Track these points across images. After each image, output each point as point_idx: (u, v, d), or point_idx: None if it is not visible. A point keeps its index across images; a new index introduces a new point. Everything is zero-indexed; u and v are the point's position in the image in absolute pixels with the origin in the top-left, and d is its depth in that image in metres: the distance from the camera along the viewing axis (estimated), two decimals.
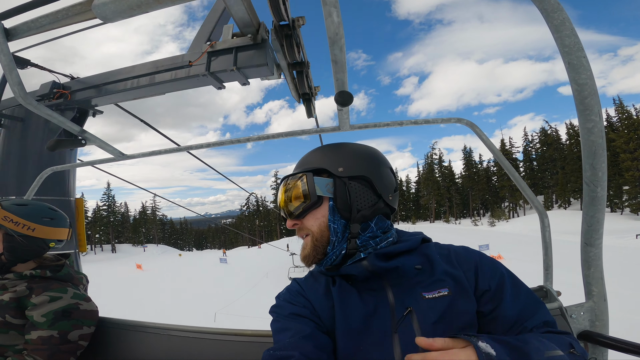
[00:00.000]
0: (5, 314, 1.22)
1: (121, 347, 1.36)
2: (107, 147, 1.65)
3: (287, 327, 0.79)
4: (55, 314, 1.23)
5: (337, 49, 0.84)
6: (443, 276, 0.81)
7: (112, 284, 20.51)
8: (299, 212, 0.88)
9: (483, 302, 0.79)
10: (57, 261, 1.43)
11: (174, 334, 1.30)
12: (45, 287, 1.29)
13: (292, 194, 0.89)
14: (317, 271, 0.95)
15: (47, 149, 1.35)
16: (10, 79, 1.04)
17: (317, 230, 0.88)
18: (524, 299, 0.80)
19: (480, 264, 0.85)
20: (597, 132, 0.92)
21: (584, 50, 0.84)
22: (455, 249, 0.90)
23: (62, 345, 1.22)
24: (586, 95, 0.87)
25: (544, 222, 1.40)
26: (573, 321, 1.23)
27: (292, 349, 0.72)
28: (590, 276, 1.18)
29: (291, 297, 0.89)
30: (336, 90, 0.98)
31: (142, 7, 0.84)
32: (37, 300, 1.24)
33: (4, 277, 1.31)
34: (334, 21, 0.76)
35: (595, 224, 1.08)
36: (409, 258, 0.84)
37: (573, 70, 0.85)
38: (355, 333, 0.77)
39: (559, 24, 0.81)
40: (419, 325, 0.74)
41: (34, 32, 0.95)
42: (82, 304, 1.31)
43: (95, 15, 0.83)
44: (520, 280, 0.84)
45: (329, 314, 0.82)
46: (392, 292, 0.80)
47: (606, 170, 0.99)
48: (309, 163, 0.93)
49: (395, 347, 0.73)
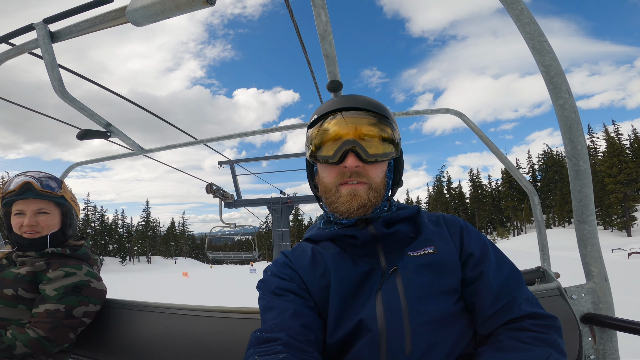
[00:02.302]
0: (19, 287, 1.25)
1: (123, 326, 1.39)
2: (128, 141, 1.80)
3: (273, 306, 0.79)
4: (66, 289, 1.26)
5: (327, 44, 0.99)
6: (430, 236, 0.84)
7: (175, 286, 24.62)
8: (376, 159, 0.83)
9: (468, 267, 0.81)
10: (77, 241, 1.51)
11: (174, 312, 1.34)
12: (63, 264, 1.33)
13: (380, 135, 0.84)
14: (304, 241, 0.96)
15: (77, 137, 1.50)
16: (52, 75, 1.20)
17: (380, 182, 0.85)
18: (507, 271, 0.81)
19: (466, 229, 0.89)
20: (568, 107, 0.99)
21: (544, 35, 0.95)
22: (443, 215, 0.94)
23: (66, 320, 1.23)
24: (553, 75, 0.96)
25: (534, 200, 1.41)
26: (574, 303, 1.18)
27: (279, 330, 0.72)
28: (588, 255, 1.14)
29: (277, 270, 0.88)
30: (329, 80, 1.12)
31: (165, 12, 1.01)
32: (52, 274, 1.27)
33: (26, 254, 1.35)
34: (322, 20, 0.92)
35: (584, 199, 1.08)
36: (405, 225, 0.87)
37: (537, 53, 0.95)
38: (348, 297, 0.78)
39: (519, 13, 0.93)
40: (402, 281, 0.76)
41: (74, 35, 1.12)
42: (93, 281, 1.35)
43: (128, 20, 1.00)
44: (503, 253, 0.86)
45: (318, 284, 0.82)
46: (384, 257, 0.82)
47: (585, 144, 1.03)
48: (386, 112, 0.88)
49: (377, 303, 0.74)
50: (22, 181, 1.32)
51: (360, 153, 0.81)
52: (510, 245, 48.25)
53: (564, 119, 1.01)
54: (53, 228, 1.39)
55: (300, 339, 0.70)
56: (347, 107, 0.84)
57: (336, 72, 1.09)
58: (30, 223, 1.32)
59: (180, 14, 1.02)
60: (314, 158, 0.88)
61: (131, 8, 0.98)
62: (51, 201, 1.37)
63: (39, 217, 1.35)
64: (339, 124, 0.83)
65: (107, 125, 1.60)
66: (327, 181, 0.87)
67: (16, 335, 1.16)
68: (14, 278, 1.25)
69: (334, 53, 1.02)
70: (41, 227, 1.35)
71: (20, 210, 1.33)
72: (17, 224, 1.33)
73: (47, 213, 1.37)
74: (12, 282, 1.24)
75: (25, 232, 1.33)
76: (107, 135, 1.63)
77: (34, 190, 1.32)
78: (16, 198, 1.32)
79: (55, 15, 1.07)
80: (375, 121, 0.84)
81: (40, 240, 1.35)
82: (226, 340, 1.21)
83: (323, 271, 0.83)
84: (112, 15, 1.04)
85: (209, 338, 1.23)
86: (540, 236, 1.42)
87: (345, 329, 0.75)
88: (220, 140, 1.97)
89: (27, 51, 1.16)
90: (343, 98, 0.88)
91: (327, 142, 0.84)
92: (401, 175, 0.92)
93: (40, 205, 1.35)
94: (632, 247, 27.22)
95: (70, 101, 1.32)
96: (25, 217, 1.33)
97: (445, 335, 0.71)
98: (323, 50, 0.99)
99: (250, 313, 1.24)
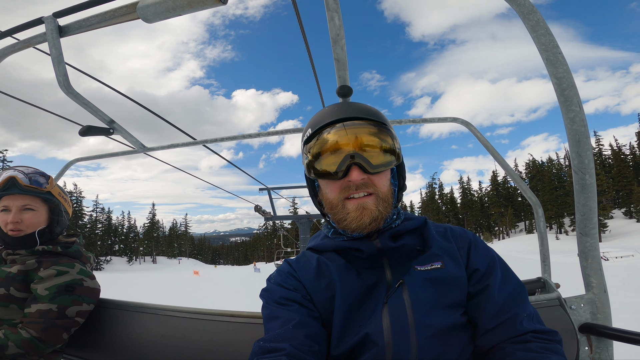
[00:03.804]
0: (10, 286, 1.22)
1: (118, 327, 1.37)
2: (131, 139, 1.78)
3: (277, 315, 0.78)
4: (58, 288, 1.23)
5: (338, 48, 0.98)
6: (438, 251, 0.83)
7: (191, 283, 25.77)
8: (380, 169, 0.81)
9: (472, 281, 0.81)
10: (69, 238, 1.48)
11: (171, 314, 1.32)
12: (54, 262, 1.30)
13: (381, 145, 0.81)
14: (308, 251, 0.95)
15: (79, 133, 1.48)
16: (58, 70, 1.19)
17: (386, 190, 0.83)
18: (512, 286, 0.81)
19: (475, 243, 0.88)
20: (578, 121, 0.98)
21: (559, 47, 0.94)
22: (451, 227, 0.93)
23: (58, 320, 1.21)
24: (565, 88, 0.96)
25: (537, 212, 1.41)
26: (573, 312, 1.21)
27: (282, 340, 0.71)
28: (589, 267, 1.16)
29: (281, 279, 0.87)
30: (338, 85, 1.11)
31: (177, 10, 1.00)
32: (44, 273, 1.25)
33: (16, 252, 1.31)
34: (335, 24, 0.91)
35: (588, 213, 1.08)
36: (412, 238, 0.85)
37: (551, 65, 0.95)
38: (353, 310, 0.78)
39: (535, 24, 0.93)
40: (409, 296, 0.76)
41: (84, 30, 1.10)
42: (86, 280, 1.32)
43: (138, 16, 0.98)
44: (509, 267, 0.86)
45: (322, 296, 0.81)
46: (390, 270, 0.82)
47: (592, 158, 1.03)
48: (383, 119, 0.86)
49: (384, 317, 0.74)
50: (7, 176, 1.28)
51: (364, 165, 0.78)
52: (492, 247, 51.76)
53: (573, 132, 1.01)
54: (39, 225, 1.35)
55: (304, 350, 0.70)
56: (344, 118, 0.81)
57: (346, 77, 1.08)
58: (15, 220, 1.29)
59: (192, 11, 1.01)
60: (315, 175, 0.85)
61: (143, 4, 0.96)
62: (37, 197, 1.34)
63: (24, 214, 1.31)
64: (338, 137, 0.80)
65: (111, 122, 1.58)
66: (331, 197, 0.84)
67: (8, 335, 1.14)
68: (5, 277, 1.23)
69: (345, 58, 1.01)
70: (25, 225, 1.31)
71: (5, 207, 1.31)
72: (3, 221, 1.30)
73: (32, 210, 1.33)
74: (4, 281, 1.22)
75: (10, 230, 1.29)
76: (109, 132, 1.61)
77: (19, 186, 1.29)
78: (1, 194, 1.29)
79: (65, 9, 1.05)
80: (376, 130, 0.81)
81: (26, 238, 1.32)
82: (225, 344, 1.20)
83: (328, 282, 0.82)
84: (123, 11, 1.02)
85: (207, 342, 1.22)
86: (543, 247, 1.43)
87: (350, 342, 0.76)
88: (222, 142, 1.95)
89: (34, 45, 1.14)
90: (337, 108, 0.85)
91: (328, 157, 0.81)
92: (405, 180, 0.92)
93: (25, 201, 1.32)
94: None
95: (75, 97, 1.31)
96: (10, 214, 1.29)
97: (450, 347, 0.73)
98: (334, 55, 0.99)
99: (250, 317, 1.23)
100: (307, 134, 0.85)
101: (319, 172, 0.83)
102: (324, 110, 0.87)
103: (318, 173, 0.84)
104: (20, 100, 2.51)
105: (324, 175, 0.83)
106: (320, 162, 0.82)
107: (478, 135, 1.46)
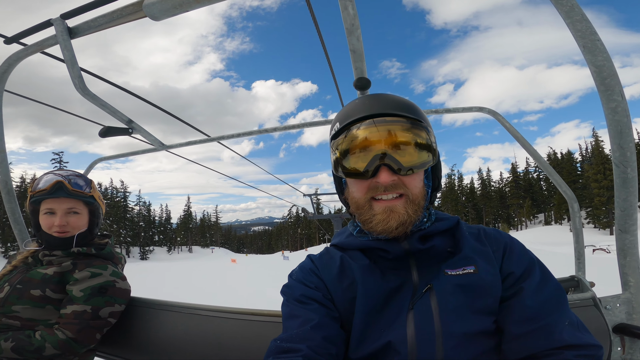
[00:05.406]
0: (47, 287, 1.26)
1: (145, 324, 1.41)
2: (149, 137, 1.78)
3: (296, 314, 0.76)
4: (92, 290, 1.26)
5: (354, 39, 0.92)
6: (471, 253, 0.77)
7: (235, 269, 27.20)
8: (412, 168, 0.75)
9: (506, 285, 0.75)
10: (101, 239, 1.52)
11: (195, 313, 1.35)
12: (88, 264, 1.33)
13: (415, 142, 0.75)
14: (333, 247, 0.92)
15: (99, 135, 1.48)
16: (72, 72, 1.19)
17: (418, 192, 0.77)
18: (549, 291, 0.73)
19: (511, 246, 0.81)
20: (620, 111, 0.92)
21: (597, 34, 0.87)
22: (485, 228, 0.87)
23: (92, 321, 1.24)
24: (605, 76, 0.89)
25: (573, 207, 1.34)
26: (608, 313, 1.16)
27: (300, 340, 0.70)
28: (627, 266, 1.10)
29: (303, 276, 0.85)
30: (355, 77, 1.03)
31: (183, 6, 0.96)
32: (79, 275, 1.28)
33: (52, 253, 1.34)
34: (349, 13, 0.84)
35: (628, 208, 1.02)
36: (442, 239, 0.80)
37: (589, 53, 0.88)
38: (374, 312, 0.74)
39: (569, 10, 0.85)
40: (437, 303, 0.71)
41: (93, 31, 1.08)
42: (118, 281, 1.35)
43: (145, 14, 0.94)
44: (550, 272, 0.78)
45: (343, 296, 0.78)
46: (417, 272, 0.77)
47: (634, 150, 0.97)
48: (418, 113, 0.79)
49: (409, 324, 0.70)
50: (54, 180, 1.32)
51: (393, 165, 0.74)
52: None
53: (615, 123, 0.94)
54: (82, 228, 1.40)
55: (320, 352, 0.68)
56: (375, 114, 0.76)
57: (363, 68, 1.01)
58: (62, 223, 1.33)
59: (199, 7, 0.97)
60: (343, 173, 0.81)
61: (148, 2, 0.93)
62: (81, 200, 1.38)
63: (70, 217, 1.36)
64: (368, 133, 0.75)
65: (129, 121, 1.58)
66: (357, 196, 0.80)
67: (45, 337, 1.18)
68: (41, 279, 1.27)
69: (361, 48, 0.94)
70: (71, 227, 1.36)
71: (50, 209, 1.34)
72: (48, 224, 1.34)
73: (77, 213, 1.38)
74: (40, 282, 1.26)
75: (55, 232, 1.34)
76: (128, 132, 1.62)
77: (66, 190, 1.33)
78: (47, 197, 1.32)
79: (72, 11, 1.04)
80: (409, 126, 0.75)
81: (69, 239, 1.36)
82: (244, 342, 1.21)
83: (350, 282, 0.79)
84: (130, 10, 0.99)
85: (227, 339, 1.24)
86: (577, 244, 1.35)
87: (370, 347, 0.72)
88: (239, 137, 1.91)
89: (46, 48, 1.14)
90: (368, 101, 0.79)
91: (356, 155, 0.77)
92: (440, 180, 0.85)
93: (70, 204, 1.36)
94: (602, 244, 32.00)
95: (91, 98, 1.30)
96: (56, 217, 1.33)
97: (477, 356, 0.68)
98: (350, 46, 0.92)
99: (269, 316, 1.24)
100: (335, 128, 0.81)
101: (346, 171, 0.79)
102: (354, 102, 0.82)
103: (346, 171, 0.80)
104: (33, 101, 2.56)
105: (351, 174, 0.79)
106: (348, 160, 0.78)
107: (506, 125, 1.38)
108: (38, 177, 1.38)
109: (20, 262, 1.36)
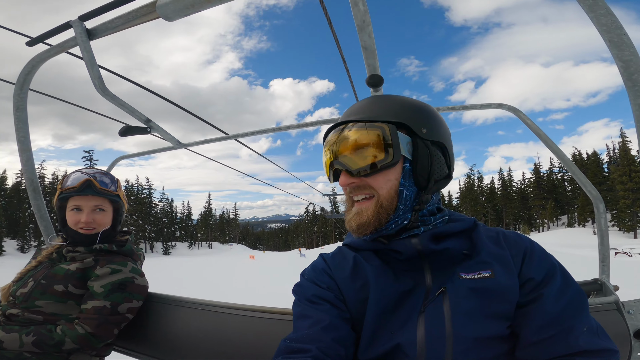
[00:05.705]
0: (69, 283, 1.30)
1: (161, 320, 1.44)
2: (167, 136, 1.81)
3: (307, 314, 0.76)
4: (112, 286, 1.30)
5: (365, 36, 0.90)
6: (488, 258, 0.76)
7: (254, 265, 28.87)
8: (370, 169, 0.76)
9: (523, 292, 0.72)
10: (122, 237, 1.57)
11: (208, 309, 1.37)
12: (109, 260, 1.37)
13: (365, 144, 0.76)
14: (345, 247, 0.90)
15: (119, 134, 1.53)
16: (92, 73, 1.22)
17: (386, 193, 0.76)
18: (570, 295, 0.71)
19: (531, 251, 0.78)
20: None
21: (623, 28, 0.82)
22: (504, 231, 0.84)
23: (111, 316, 1.28)
24: (633, 72, 0.85)
25: (599, 208, 1.29)
26: (630, 317, 1.13)
27: (310, 341, 0.69)
28: None
29: (315, 276, 0.84)
30: (368, 75, 1.01)
31: (196, 6, 0.96)
32: (100, 271, 1.32)
33: (75, 249, 1.39)
34: (360, 9, 0.83)
35: None
36: (458, 241, 0.78)
37: (615, 47, 0.83)
38: (385, 315, 0.74)
39: (592, 3, 0.81)
40: (450, 306, 0.70)
41: (110, 32, 1.11)
42: (137, 278, 1.39)
43: (159, 15, 0.95)
44: (571, 276, 0.76)
45: (356, 297, 0.78)
46: (431, 274, 0.76)
47: None
48: (387, 113, 0.78)
49: (419, 327, 0.69)
50: (83, 179, 1.37)
51: (348, 169, 0.77)
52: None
53: None
54: (106, 225, 1.45)
55: (330, 353, 0.68)
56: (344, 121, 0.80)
57: (376, 65, 0.98)
58: (88, 220, 1.38)
59: (211, 6, 0.97)
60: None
61: (161, 2, 0.93)
62: (107, 198, 1.43)
63: (96, 215, 1.41)
64: (328, 142, 0.81)
65: (147, 121, 1.62)
66: (346, 198, 0.85)
67: (66, 331, 1.23)
68: (64, 274, 1.32)
69: (373, 45, 0.91)
70: (97, 224, 1.41)
71: (77, 206, 1.39)
72: (75, 220, 1.39)
73: (103, 210, 1.43)
74: (63, 278, 1.31)
75: (81, 228, 1.39)
76: (147, 130, 1.65)
77: (94, 188, 1.38)
78: (75, 194, 1.37)
79: (90, 12, 1.06)
80: (358, 129, 0.77)
81: (93, 236, 1.41)
82: (256, 340, 1.22)
83: (363, 283, 0.78)
84: (144, 11, 1.01)
85: (239, 337, 1.25)
86: (602, 247, 1.29)
87: (379, 349, 0.72)
88: (254, 135, 1.92)
89: (67, 49, 1.17)
90: (350, 109, 0.84)
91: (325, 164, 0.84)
92: (428, 179, 0.79)
93: (97, 202, 1.41)
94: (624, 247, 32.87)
95: (111, 98, 1.34)
96: (83, 214, 1.38)
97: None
98: (361, 42, 0.90)
99: (281, 314, 1.25)
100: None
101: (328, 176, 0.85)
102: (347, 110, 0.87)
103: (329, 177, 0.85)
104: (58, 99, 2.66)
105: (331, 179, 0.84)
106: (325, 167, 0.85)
107: (528, 122, 1.33)
108: (66, 175, 1.43)
109: (45, 257, 1.41)
